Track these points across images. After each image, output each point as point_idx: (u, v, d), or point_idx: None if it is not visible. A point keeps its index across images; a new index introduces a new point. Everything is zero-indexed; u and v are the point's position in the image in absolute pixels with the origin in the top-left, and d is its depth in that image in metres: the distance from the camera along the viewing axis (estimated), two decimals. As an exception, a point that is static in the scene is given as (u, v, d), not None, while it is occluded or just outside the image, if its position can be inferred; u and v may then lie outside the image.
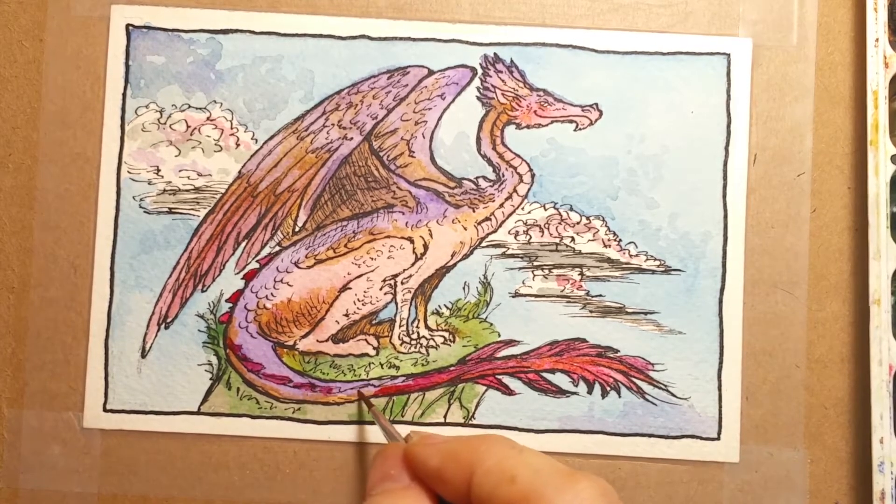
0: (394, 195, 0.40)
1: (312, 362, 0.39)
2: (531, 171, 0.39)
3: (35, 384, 0.39)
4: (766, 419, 0.39)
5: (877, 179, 0.38)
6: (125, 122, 0.40)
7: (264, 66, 0.40)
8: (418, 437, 0.30)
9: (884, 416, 0.37)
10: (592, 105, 0.40)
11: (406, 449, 0.29)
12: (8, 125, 0.39)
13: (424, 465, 0.28)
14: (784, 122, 0.40)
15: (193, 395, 0.39)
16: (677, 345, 0.39)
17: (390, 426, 0.35)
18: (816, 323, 0.39)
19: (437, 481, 0.28)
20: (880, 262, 0.38)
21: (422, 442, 0.29)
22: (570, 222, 0.39)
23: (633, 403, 0.39)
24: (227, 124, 0.40)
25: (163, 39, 0.40)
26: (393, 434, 0.34)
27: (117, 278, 0.39)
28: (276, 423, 0.39)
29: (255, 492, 0.39)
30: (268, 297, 0.39)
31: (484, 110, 0.40)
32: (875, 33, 0.38)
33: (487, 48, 0.40)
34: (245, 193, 0.40)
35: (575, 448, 0.39)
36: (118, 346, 0.39)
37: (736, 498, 0.39)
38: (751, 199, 0.39)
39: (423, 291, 0.39)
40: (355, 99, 0.40)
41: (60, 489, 0.39)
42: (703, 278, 0.39)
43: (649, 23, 0.40)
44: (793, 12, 0.40)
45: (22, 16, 0.40)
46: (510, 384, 0.39)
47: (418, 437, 0.30)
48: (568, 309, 0.39)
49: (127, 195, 0.39)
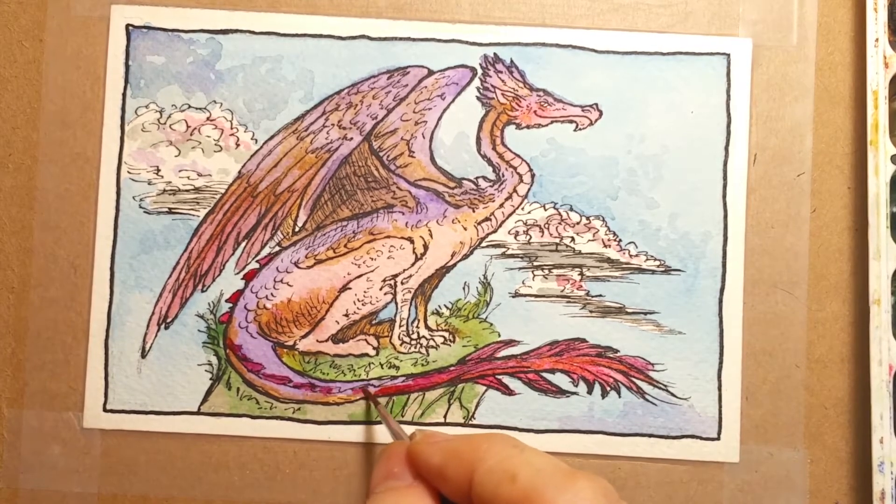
0: (394, 195, 0.40)
1: (312, 362, 0.39)
2: (531, 171, 0.39)
3: (35, 384, 0.39)
4: (766, 419, 0.39)
5: (877, 179, 0.38)
6: (125, 122, 0.40)
7: (264, 66, 0.40)
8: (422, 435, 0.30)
9: (884, 416, 0.37)
10: (592, 105, 0.40)
11: (409, 447, 0.29)
12: (8, 125, 0.39)
13: (427, 464, 0.28)
14: (784, 122, 0.40)
15: (193, 395, 0.39)
16: (677, 345, 0.39)
17: (395, 424, 0.35)
18: (816, 323, 0.39)
19: (439, 480, 0.28)
20: (880, 262, 0.38)
21: (425, 440, 0.29)
22: (570, 222, 0.39)
23: (633, 403, 0.39)
24: (227, 124, 0.40)
25: (163, 39, 0.40)
26: (398, 432, 0.34)
27: (117, 278, 0.39)
28: (276, 423, 0.39)
29: (255, 492, 0.39)
30: (268, 297, 0.39)
31: (484, 110, 0.40)
32: (875, 33, 0.38)
33: (487, 48, 0.40)
34: (245, 193, 0.40)
35: (575, 448, 0.39)
36: (118, 346, 0.39)
37: (736, 498, 0.39)
38: (751, 199, 0.39)
39: (423, 291, 0.39)
40: (355, 99, 0.40)
41: (60, 489, 0.39)
42: (703, 278, 0.39)
43: (649, 23, 0.40)
44: (793, 12, 0.40)
45: (22, 16, 0.40)
46: (510, 384, 0.39)
47: (421, 436, 0.30)
48: (568, 309, 0.39)
49: (127, 195, 0.39)
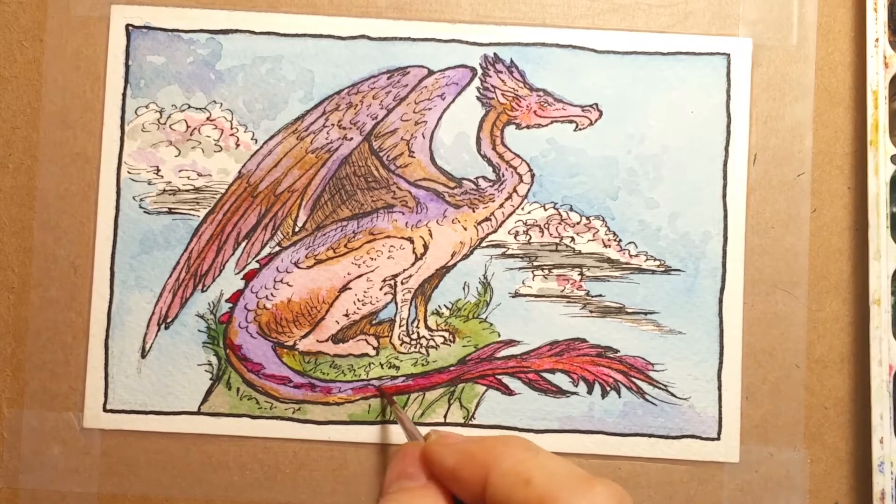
0: (394, 195, 0.40)
1: (312, 362, 0.39)
2: (531, 171, 0.39)
3: (35, 384, 0.39)
4: (766, 419, 0.39)
5: (877, 179, 0.38)
6: (125, 122, 0.40)
7: (264, 66, 0.40)
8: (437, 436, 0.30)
9: (884, 416, 0.37)
10: (592, 105, 0.40)
11: (423, 448, 0.29)
12: (8, 125, 0.39)
13: (441, 465, 0.28)
14: (784, 122, 0.40)
15: (193, 395, 0.39)
16: (677, 345, 0.39)
17: (411, 424, 0.35)
18: (816, 323, 0.39)
19: (452, 481, 0.28)
20: (880, 262, 0.38)
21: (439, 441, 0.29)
22: (570, 222, 0.39)
23: (633, 403, 0.39)
24: (227, 124, 0.40)
25: (163, 39, 0.40)
26: (413, 432, 0.34)
27: (117, 278, 0.39)
28: (276, 423, 0.39)
29: (255, 492, 0.39)
30: (268, 297, 0.39)
31: (484, 110, 0.40)
32: (875, 33, 0.38)
33: (487, 48, 0.40)
34: (245, 193, 0.40)
35: (575, 448, 0.39)
36: (118, 346, 0.39)
37: (736, 498, 0.39)
38: (751, 199, 0.39)
39: (423, 291, 0.39)
40: (355, 99, 0.40)
41: (60, 489, 0.39)
42: (703, 278, 0.39)
43: (649, 23, 0.40)
44: (793, 12, 0.40)
45: (22, 16, 0.40)
46: (510, 384, 0.39)
47: (436, 437, 0.30)
48: (568, 309, 0.39)
49: (127, 195, 0.39)
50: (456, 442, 0.29)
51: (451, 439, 0.29)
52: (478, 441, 0.28)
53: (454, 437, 0.30)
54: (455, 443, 0.28)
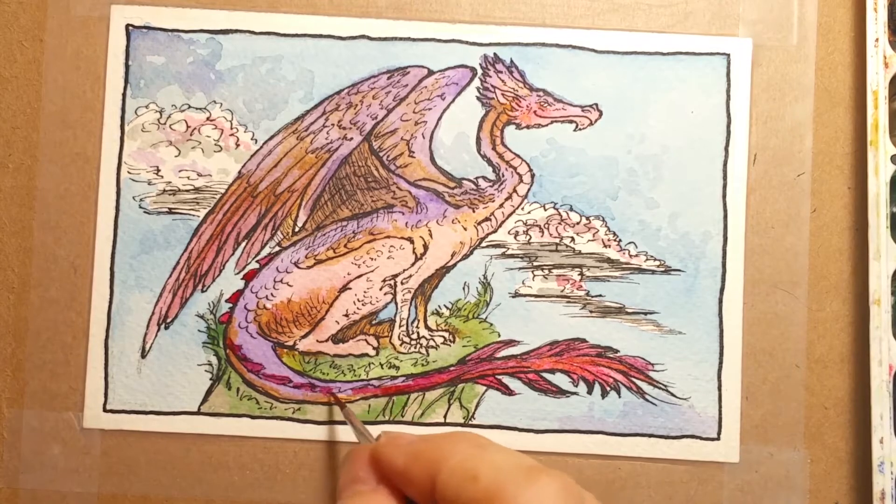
0: (394, 195, 0.40)
1: (312, 362, 0.39)
2: (531, 172, 0.39)
3: (35, 384, 0.39)
4: (766, 419, 0.39)
5: (877, 179, 0.38)
6: (125, 122, 0.40)
7: (264, 66, 0.40)
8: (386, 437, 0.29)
9: (884, 416, 0.37)
10: (592, 105, 0.40)
11: (372, 450, 0.29)
12: (8, 125, 0.39)
13: (390, 466, 0.28)
14: (784, 122, 0.40)
15: (193, 396, 0.39)
16: (677, 345, 0.39)
17: (362, 426, 0.35)
18: (816, 323, 0.39)
19: (403, 482, 0.27)
20: (880, 262, 0.38)
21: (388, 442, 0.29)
22: (570, 222, 0.39)
23: (633, 403, 0.39)
24: (226, 124, 0.40)
25: (163, 39, 0.40)
26: (364, 434, 0.34)
27: (117, 278, 0.39)
28: (276, 423, 0.39)
29: (255, 492, 0.39)
30: (268, 297, 0.39)
31: (484, 110, 0.40)
32: (875, 33, 0.38)
33: (487, 48, 0.40)
34: (245, 193, 0.40)
35: (575, 448, 0.39)
36: (118, 346, 0.39)
37: (736, 498, 0.39)
38: (751, 199, 0.39)
39: (423, 291, 0.39)
40: (355, 99, 0.40)
41: (60, 489, 0.39)
42: (703, 278, 0.39)
43: (649, 23, 0.40)
44: (793, 12, 0.40)
45: (22, 16, 0.40)
46: (510, 384, 0.39)
47: (385, 438, 0.29)
48: (568, 309, 0.39)
49: (127, 195, 0.39)
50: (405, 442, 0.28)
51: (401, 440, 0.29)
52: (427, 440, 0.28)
53: (404, 437, 0.29)
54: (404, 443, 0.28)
